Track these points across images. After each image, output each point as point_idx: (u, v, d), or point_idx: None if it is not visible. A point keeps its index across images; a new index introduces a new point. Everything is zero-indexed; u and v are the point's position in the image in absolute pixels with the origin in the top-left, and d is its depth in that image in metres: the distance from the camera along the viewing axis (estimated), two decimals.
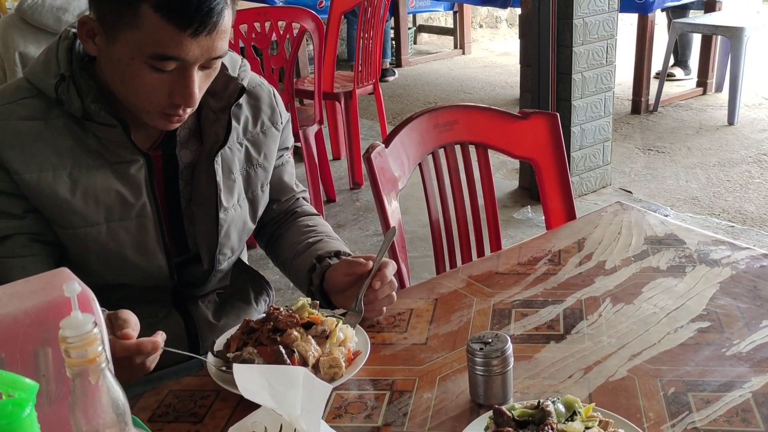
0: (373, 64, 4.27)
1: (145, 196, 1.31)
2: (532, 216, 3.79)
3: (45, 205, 1.25)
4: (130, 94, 1.21)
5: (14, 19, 2.48)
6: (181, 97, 1.19)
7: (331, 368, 1.16)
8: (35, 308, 0.74)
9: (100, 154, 1.27)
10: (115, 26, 1.14)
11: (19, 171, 1.22)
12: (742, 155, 4.51)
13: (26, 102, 1.24)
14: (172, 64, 1.15)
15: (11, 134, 1.22)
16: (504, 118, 1.80)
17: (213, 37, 1.15)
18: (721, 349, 1.19)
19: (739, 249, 1.51)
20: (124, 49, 1.15)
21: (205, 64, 1.19)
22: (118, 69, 1.18)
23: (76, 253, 1.29)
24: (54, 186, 1.24)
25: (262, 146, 1.44)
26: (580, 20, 3.71)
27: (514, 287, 1.42)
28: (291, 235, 1.54)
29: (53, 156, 1.24)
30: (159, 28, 1.11)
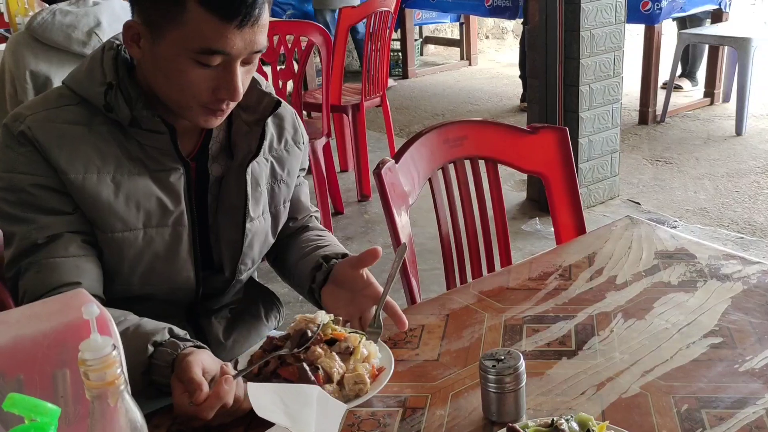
0: (380, 76, 4.29)
1: (183, 204, 1.33)
2: (540, 228, 3.79)
3: (88, 206, 1.26)
4: (174, 92, 1.23)
5: (25, 37, 2.49)
6: (226, 91, 1.22)
7: (356, 384, 1.16)
8: (54, 330, 0.75)
9: (141, 162, 1.29)
10: (160, 25, 1.18)
11: (66, 171, 1.23)
12: (751, 166, 4.51)
13: (70, 108, 1.27)
14: (217, 58, 1.18)
15: (57, 135, 1.24)
16: (513, 133, 1.80)
17: (255, 30, 1.19)
18: (733, 365, 1.19)
19: (751, 263, 1.51)
20: (170, 47, 1.18)
21: (246, 59, 1.22)
22: (163, 67, 1.21)
23: (110, 258, 1.30)
24: (98, 188, 1.25)
25: (285, 163, 1.46)
26: (587, 32, 3.72)
27: (525, 303, 1.43)
28: (298, 242, 1.55)
29: (97, 159, 1.26)
30: (205, 22, 1.15)
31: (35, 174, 1.23)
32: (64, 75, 2.46)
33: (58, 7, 2.49)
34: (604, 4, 3.74)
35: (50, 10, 2.49)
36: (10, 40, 2.61)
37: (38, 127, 1.23)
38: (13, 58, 2.50)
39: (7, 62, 2.52)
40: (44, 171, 1.23)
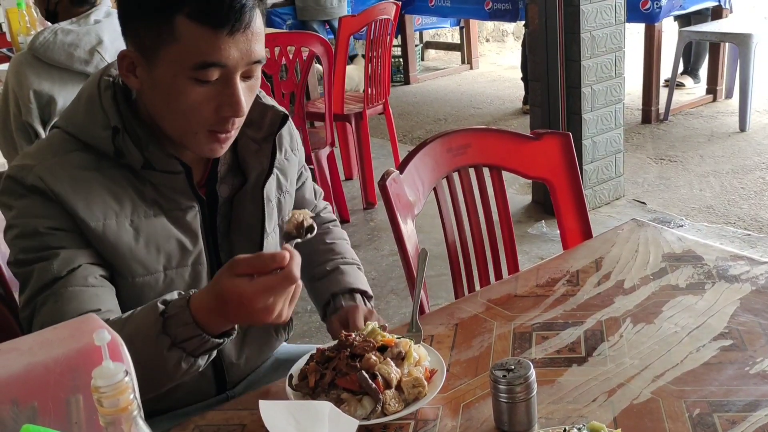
0: (382, 84, 4.30)
1: (201, 243, 1.31)
2: (546, 231, 3.79)
3: (109, 253, 1.23)
4: (177, 118, 1.20)
5: (27, 57, 2.51)
6: (229, 107, 1.19)
7: (415, 388, 1.17)
8: (65, 356, 0.75)
9: (155, 202, 1.27)
10: (154, 47, 1.16)
11: (85, 219, 1.20)
12: (756, 162, 4.50)
13: (77, 154, 1.23)
14: (215, 71, 1.15)
15: (71, 182, 1.20)
16: (517, 140, 1.81)
17: (249, 38, 1.16)
18: (744, 368, 1.19)
19: (758, 264, 1.50)
20: (166, 68, 1.16)
21: (246, 73, 1.19)
22: (162, 92, 1.19)
23: (129, 302, 1.26)
24: (118, 234, 1.23)
25: (287, 173, 1.46)
26: (588, 34, 3.72)
27: (533, 310, 1.43)
28: (308, 254, 1.55)
29: (114, 203, 1.23)
30: (197, 35, 1.13)
31: (51, 218, 1.20)
32: (67, 93, 2.50)
33: (60, 27, 2.51)
34: (604, 5, 3.74)
35: (52, 29, 2.50)
36: (12, 61, 2.63)
37: (50, 177, 1.20)
38: (16, 78, 2.51)
39: (11, 83, 2.53)
40: (60, 215, 1.20)
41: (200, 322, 1.09)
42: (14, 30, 3.67)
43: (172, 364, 1.11)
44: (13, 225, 1.21)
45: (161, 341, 1.09)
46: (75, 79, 2.52)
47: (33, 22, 3.63)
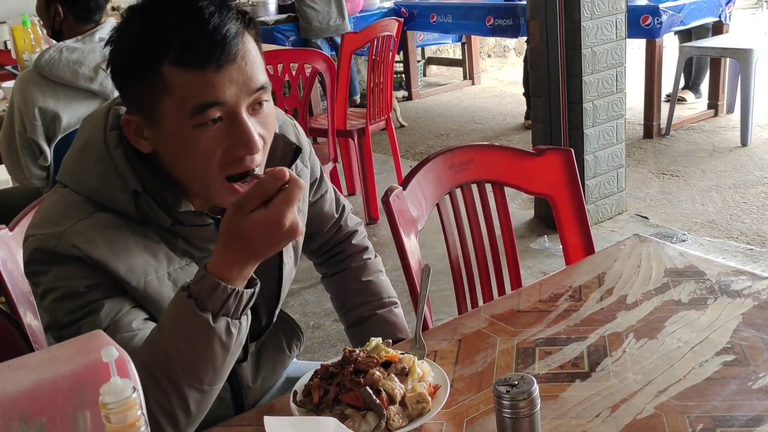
0: (385, 100, 4.32)
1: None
2: (549, 246, 3.80)
3: (151, 308, 1.21)
4: (193, 169, 1.15)
5: (32, 74, 2.53)
6: (240, 145, 1.12)
7: (419, 403, 1.17)
8: (73, 372, 0.76)
9: (187, 253, 1.25)
10: (151, 104, 1.11)
11: (127, 279, 1.17)
12: (758, 176, 4.51)
13: (99, 215, 1.18)
14: (215, 111, 1.10)
15: (109, 245, 1.16)
16: (518, 156, 1.82)
17: (241, 67, 1.10)
18: (747, 383, 1.19)
19: (760, 279, 1.51)
20: (169, 122, 1.11)
21: (253, 105, 1.14)
22: (173, 148, 1.14)
23: None
24: (159, 290, 1.20)
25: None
26: (589, 50, 3.74)
27: (536, 325, 1.43)
28: (344, 293, 1.63)
29: (151, 259, 1.20)
30: (185, 79, 1.08)
31: (90, 278, 1.15)
32: (71, 111, 2.52)
33: (65, 44, 2.53)
34: (605, 21, 3.77)
35: (57, 47, 2.53)
36: (18, 79, 2.65)
37: (84, 243, 1.14)
38: (21, 96, 2.53)
39: (16, 100, 2.55)
40: (100, 275, 1.16)
41: (228, 278, 1.09)
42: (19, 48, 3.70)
43: (225, 335, 1.10)
44: (51, 289, 1.16)
45: (203, 319, 1.08)
46: (79, 97, 2.55)
47: (38, 40, 3.67)
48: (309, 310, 3.45)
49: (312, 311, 3.44)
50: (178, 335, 1.11)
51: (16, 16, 3.89)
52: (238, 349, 1.15)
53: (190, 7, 1.10)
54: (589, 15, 3.69)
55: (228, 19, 1.10)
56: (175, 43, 1.08)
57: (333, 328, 3.27)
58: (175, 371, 1.10)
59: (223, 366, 1.14)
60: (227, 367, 1.16)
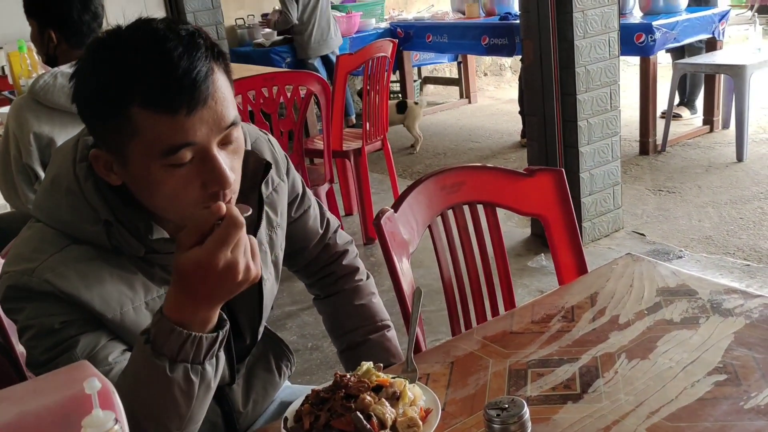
0: (381, 120, 4.34)
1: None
2: (546, 264, 3.80)
3: (129, 339, 1.18)
4: (168, 205, 1.13)
5: (27, 100, 2.54)
6: (214, 182, 1.10)
7: (410, 428, 1.16)
8: (57, 404, 0.76)
9: (164, 280, 1.23)
10: (120, 144, 1.08)
11: (102, 312, 1.15)
12: (754, 192, 4.51)
13: (73, 248, 1.16)
14: (186, 153, 1.07)
15: (80, 277, 1.14)
16: (510, 177, 1.82)
17: (212, 107, 1.07)
18: (739, 403, 1.19)
19: (752, 297, 1.51)
20: (138, 162, 1.08)
21: (223, 141, 1.11)
22: (143, 185, 1.12)
23: None
24: (136, 320, 1.19)
25: (277, 205, 1.42)
26: (582, 68, 3.76)
27: (529, 347, 1.43)
28: (336, 317, 1.63)
29: (127, 290, 1.18)
30: (154, 123, 1.05)
31: (65, 313, 1.14)
32: (66, 135, 2.52)
33: (60, 70, 2.54)
34: (598, 40, 3.79)
35: (52, 73, 2.53)
36: (13, 104, 2.66)
37: (57, 278, 1.13)
38: (16, 121, 2.54)
39: (11, 126, 2.56)
40: (75, 310, 1.14)
41: (183, 322, 1.04)
42: (16, 73, 3.71)
43: (183, 383, 1.06)
44: (27, 327, 1.15)
45: (159, 366, 1.05)
46: (75, 121, 2.55)
47: (34, 66, 3.68)
48: (307, 332, 3.45)
49: (310, 333, 3.43)
50: (138, 382, 1.08)
51: (12, 42, 3.90)
52: (207, 393, 1.12)
53: (158, 49, 1.05)
54: (582, 34, 3.71)
55: (197, 60, 1.06)
56: (144, 86, 1.05)
57: (331, 349, 3.26)
58: (138, 418, 1.05)
59: (189, 412, 1.11)
60: (198, 411, 1.12)
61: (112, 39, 1.09)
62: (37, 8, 2.61)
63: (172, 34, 1.07)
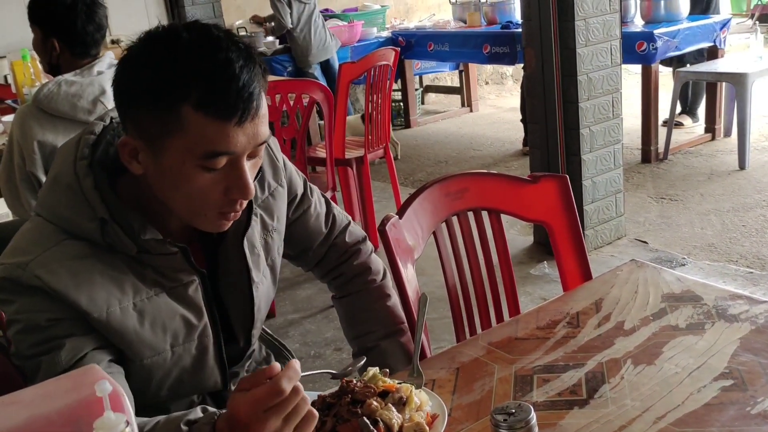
0: (383, 128, 4.34)
1: (206, 316, 1.30)
2: (549, 271, 3.79)
3: (115, 339, 1.21)
4: (186, 202, 1.17)
5: (31, 108, 2.55)
6: (237, 190, 1.16)
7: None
8: (67, 407, 0.76)
9: (156, 282, 1.24)
10: (159, 137, 1.11)
11: (88, 311, 1.17)
12: (756, 199, 4.52)
13: (67, 243, 1.18)
14: (222, 159, 1.12)
15: (70, 275, 1.16)
16: (514, 183, 1.83)
17: (256, 123, 1.13)
18: (745, 408, 1.19)
19: (757, 303, 1.51)
20: (173, 157, 1.12)
21: (252, 154, 1.17)
22: (170, 179, 1.14)
23: (137, 382, 1.24)
24: (123, 321, 1.20)
25: (273, 210, 1.44)
26: (584, 76, 3.77)
27: (534, 352, 1.43)
28: (349, 319, 1.63)
29: (116, 290, 1.20)
30: (204, 125, 1.09)
31: (53, 311, 1.16)
32: None
33: (63, 78, 2.55)
34: (600, 48, 3.80)
35: (56, 81, 2.54)
36: (17, 113, 2.67)
37: (47, 273, 1.15)
38: (20, 130, 2.54)
39: (15, 134, 2.57)
40: (62, 308, 1.16)
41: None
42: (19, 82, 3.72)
43: None
44: (14, 320, 1.16)
45: None
46: (78, 129, 2.52)
47: (38, 74, 3.69)
48: (309, 340, 3.45)
49: (312, 341, 3.43)
50: None
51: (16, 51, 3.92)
52: None
53: (221, 57, 1.09)
54: (584, 42, 3.72)
55: (255, 76, 1.12)
56: (202, 88, 1.08)
57: (334, 357, 3.25)
58: None
59: None
60: None
61: (171, 36, 1.12)
62: (41, 16, 2.62)
63: (233, 45, 1.12)
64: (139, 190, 1.23)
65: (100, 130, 1.27)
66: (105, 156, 1.24)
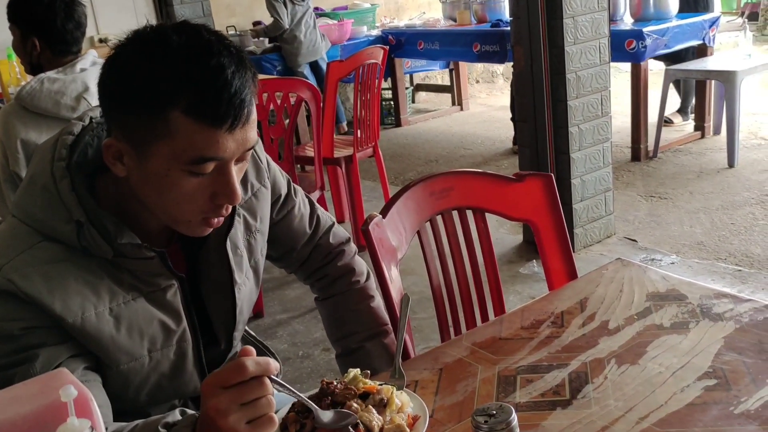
0: (372, 127, 4.33)
1: (185, 321, 1.28)
2: (538, 270, 3.79)
3: (91, 346, 1.18)
4: (170, 207, 1.15)
5: (14, 107, 2.52)
6: (224, 196, 1.14)
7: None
8: (33, 413, 0.75)
9: (133, 287, 1.22)
10: (145, 141, 1.09)
11: (63, 317, 1.13)
12: (745, 197, 4.52)
13: (42, 246, 1.15)
14: (210, 165, 1.10)
15: (46, 281, 1.13)
16: (499, 182, 1.81)
17: (245, 129, 1.11)
18: (728, 408, 1.18)
19: (742, 301, 1.50)
20: (160, 162, 1.09)
21: (239, 158, 1.14)
22: (154, 183, 1.12)
23: (114, 388, 1.22)
24: (98, 326, 1.17)
25: (256, 211, 1.42)
26: (573, 74, 3.76)
27: (518, 353, 1.42)
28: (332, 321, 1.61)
29: (91, 295, 1.17)
30: (193, 131, 1.07)
31: (26, 319, 1.12)
32: None
33: (46, 76, 2.53)
34: (588, 46, 3.79)
35: (38, 78, 2.52)
36: (0, 112, 2.64)
37: (20, 278, 1.12)
38: (3, 128, 2.52)
39: None
40: (37, 316, 1.13)
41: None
42: (5, 81, 3.71)
43: None
44: None
45: None
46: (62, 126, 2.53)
47: (23, 74, 3.68)
48: (298, 340, 3.43)
49: (301, 341, 3.42)
50: None
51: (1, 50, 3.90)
52: None
53: (213, 62, 1.07)
54: (573, 40, 3.72)
55: (247, 82, 1.10)
56: (193, 94, 1.06)
57: (322, 357, 3.24)
58: None
59: None
60: None
61: (160, 38, 1.09)
62: (20, 16, 2.60)
63: (225, 50, 1.09)
64: (119, 192, 1.20)
65: (79, 131, 1.24)
66: (83, 157, 1.22)
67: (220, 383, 0.98)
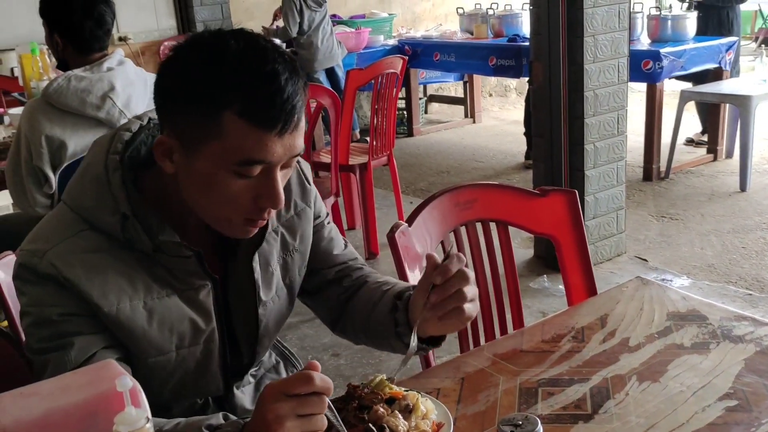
0: (387, 136, 4.35)
1: (215, 321, 1.30)
2: (548, 285, 3.80)
3: (123, 336, 1.21)
4: (214, 206, 1.18)
5: (40, 103, 2.55)
6: (268, 199, 1.16)
7: None
8: (86, 401, 0.76)
9: (168, 283, 1.24)
10: (196, 140, 1.12)
11: (99, 305, 1.17)
12: (756, 221, 4.53)
13: (86, 234, 1.19)
14: (257, 167, 1.12)
15: (85, 268, 1.17)
16: (523, 196, 1.83)
17: (294, 135, 1.13)
18: (750, 429, 1.20)
19: (762, 324, 1.52)
20: (209, 161, 1.12)
21: (285, 164, 1.16)
22: (200, 182, 1.15)
23: (140, 380, 1.24)
24: (132, 317, 1.20)
25: (297, 229, 1.42)
26: (591, 92, 3.78)
27: (539, 365, 1.43)
28: (362, 300, 1.49)
29: (127, 286, 1.20)
30: (245, 133, 1.09)
31: (65, 305, 1.16)
32: (78, 139, 2.53)
33: (73, 73, 2.56)
34: (607, 65, 3.81)
35: (66, 76, 2.55)
36: (26, 107, 2.67)
37: (63, 264, 1.16)
38: (29, 123, 2.55)
39: (23, 128, 2.57)
40: (74, 302, 1.17)
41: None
42: (27, 75, 3.72)
43: None
44: (26, 312, 1.18)
45: None
46: (86, 125, 2.56)
47: (46, 68, 3.69)
48: (307, 344, 3.44)
49: (310, 345, 3.43)
50: None
51: (24, 44, 3.92)
52: None
53: (268, 68, 1.10)
54: (592, 58, 3.74)
55: (298, 89, 1.12)
56: (247, 97, 1.09)
57: (331, 362, 3.25)
58: None
59: None
60: None
61: (219, 42, 1.12)
62: (44, 12, 2.64)
63: (280, 57, 1.12)
64: (162, 189, 1.23)
65: (137, 129, 1.28)
66: (136, 153, 1.26)
67: (284, 389, 1.00)
